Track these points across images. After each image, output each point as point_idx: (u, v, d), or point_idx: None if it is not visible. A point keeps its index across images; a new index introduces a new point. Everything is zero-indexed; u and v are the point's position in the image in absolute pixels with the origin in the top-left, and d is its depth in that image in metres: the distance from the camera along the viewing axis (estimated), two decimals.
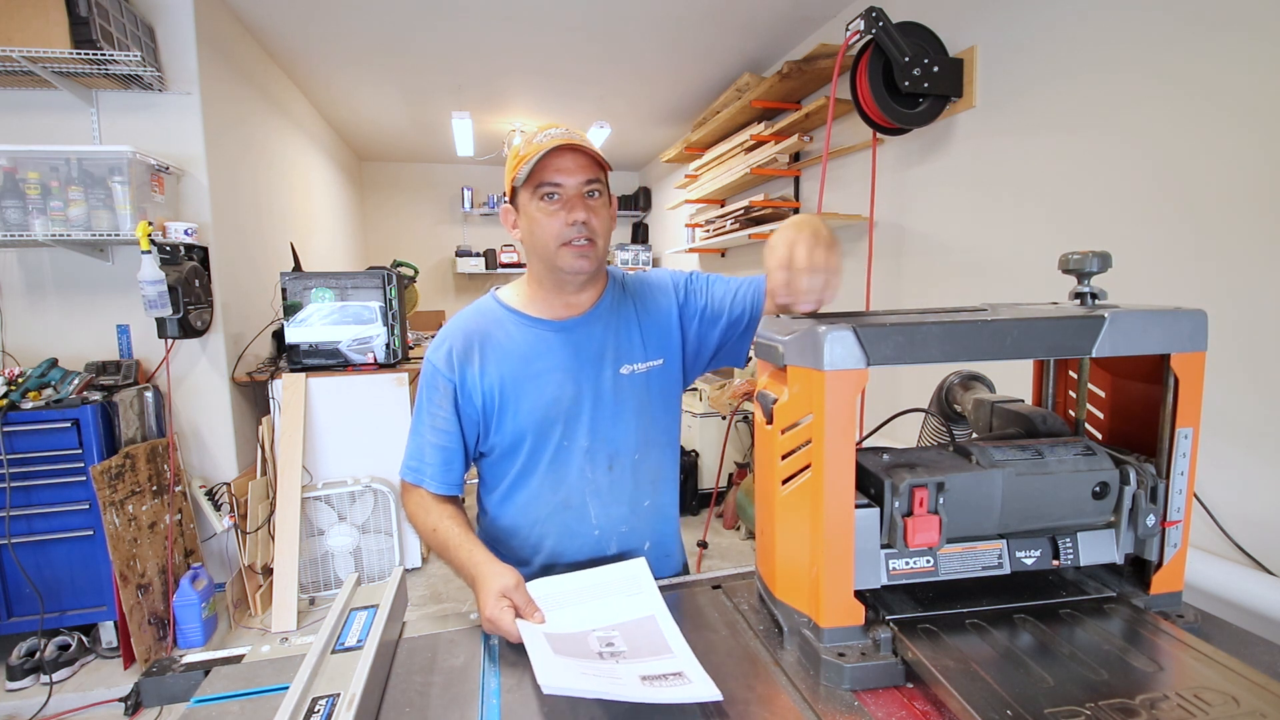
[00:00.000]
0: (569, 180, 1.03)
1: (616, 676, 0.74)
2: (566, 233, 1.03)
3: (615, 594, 0.92)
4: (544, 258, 1.07)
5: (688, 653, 0.77)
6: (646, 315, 1.18)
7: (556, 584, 0.95)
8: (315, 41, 3.45)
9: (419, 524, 1.10)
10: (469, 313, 1.16)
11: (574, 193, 1.04)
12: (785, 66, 3.10)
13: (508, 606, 0.87)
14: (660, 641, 0.81)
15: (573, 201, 1.03)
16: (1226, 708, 0.59)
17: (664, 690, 0.71)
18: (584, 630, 0.85)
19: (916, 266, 2.62)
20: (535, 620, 0.86)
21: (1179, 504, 0.79)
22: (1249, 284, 1.47)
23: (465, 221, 7.01)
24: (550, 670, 0.75)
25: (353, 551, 2.99)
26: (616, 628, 0.85)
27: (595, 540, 1.14)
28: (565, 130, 1.04)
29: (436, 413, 1.11)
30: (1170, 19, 1.62)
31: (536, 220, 1.05)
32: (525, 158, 1.02)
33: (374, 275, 3.02)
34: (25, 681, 2.27)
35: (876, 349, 0.69)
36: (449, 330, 1.14)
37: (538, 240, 1.06)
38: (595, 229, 1.05)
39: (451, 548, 1.03)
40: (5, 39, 2.20)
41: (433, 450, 1.11)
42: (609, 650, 0.80)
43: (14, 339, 2.62)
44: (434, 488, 1.11)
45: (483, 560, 0.97)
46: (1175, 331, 0.75)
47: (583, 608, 0.90)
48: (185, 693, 0.82)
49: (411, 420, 1.14)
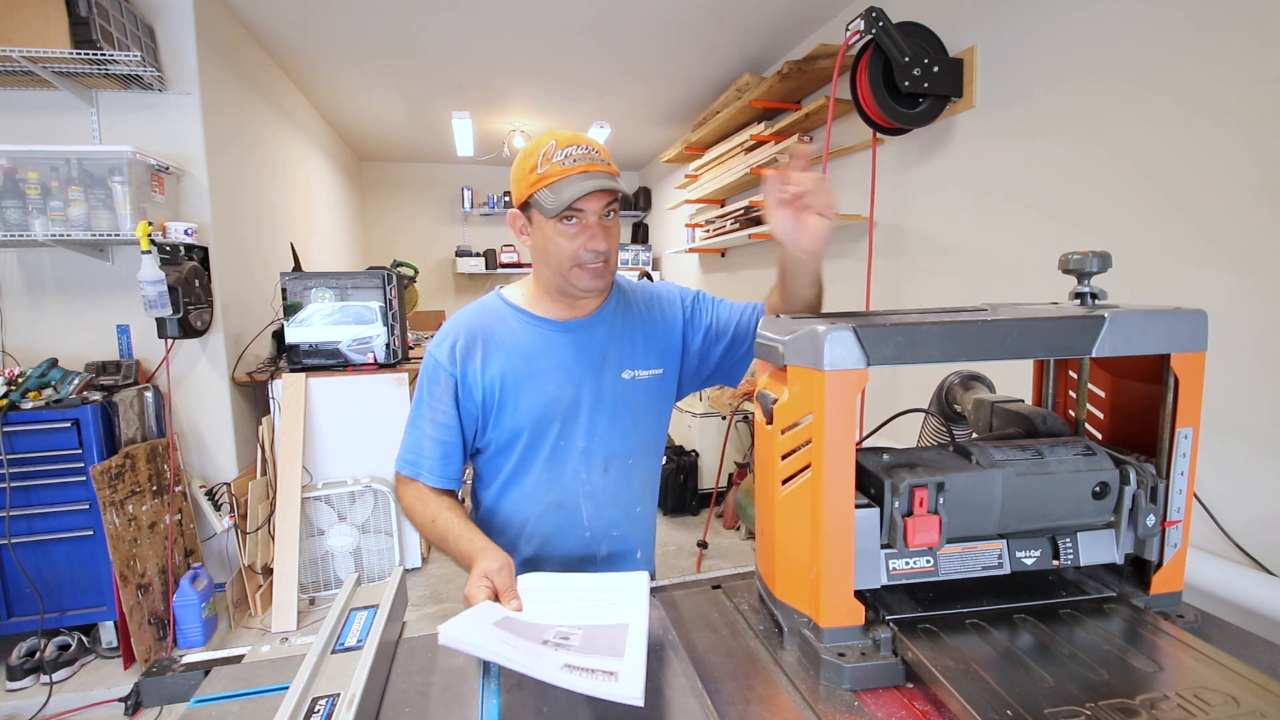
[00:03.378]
0: (591, 206, 1.02)
1: (535, 655, 0.71)
2: (584, 256, 1.04)
3: (602, 599, 0.89)
4: (556, 272, 1.07)
5: (638, 660, 0.71)
6: (651, 324, 1.19)
7: (551, 580, 0.94)
8: (316, 42, 3.45)
9: (416, 516, 1.10)
10: (473, 309, 1.16)
11: (595, 219, 1.03)
12: (785, 66, 3.10)
13: (486, 587, 0.86)
14: (618, 647, 0.75)
15: (593, 229, 1.03)
16: (1226, 708, 0.59)
17: (580, 680, 0.67)
18: (547, 624, 0.81)
19: (916, 266, 2.62)
20: (511, 607, 0.84)
21: (1179, 504, 0.79)
22: (1249, 284, 1.47)
23: (465, 221, 7.00)
24: (462, 628, 0.73)
25: (353, 551, 2.99)
26: (582, 628, 0.80)
27: (585, 541, 1.15)
28: (588, 150, 1.02)
29: (437, 406, 1.10)
30: (1171, 20, 1.62)
31: (553, 239, 1.04)
32: (547, 178, 1.00)
33: (374, 275, 3.02)
34: (25, 681, 2.27)
35: (876, 349, 0.69)
36: (452, 325, 1.13)
37: (551, 256, 1.06)
38: (610, 251, 1.06)
39: (451, 538, 1.03)
40: (5, 39, 2.20)
41: (432, 444, 1.10)
42: (558, 641, 0.77)
43: (14, 339, 2.62)
44: (432, 481, 1.10)
45: (481, 546, 0.97)
46: (1175, 331, 0.75)
47: (562, 605, 0.88)
48: (185, 693, 0.82)
49: (409, 413, 1.14)
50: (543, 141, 1.03)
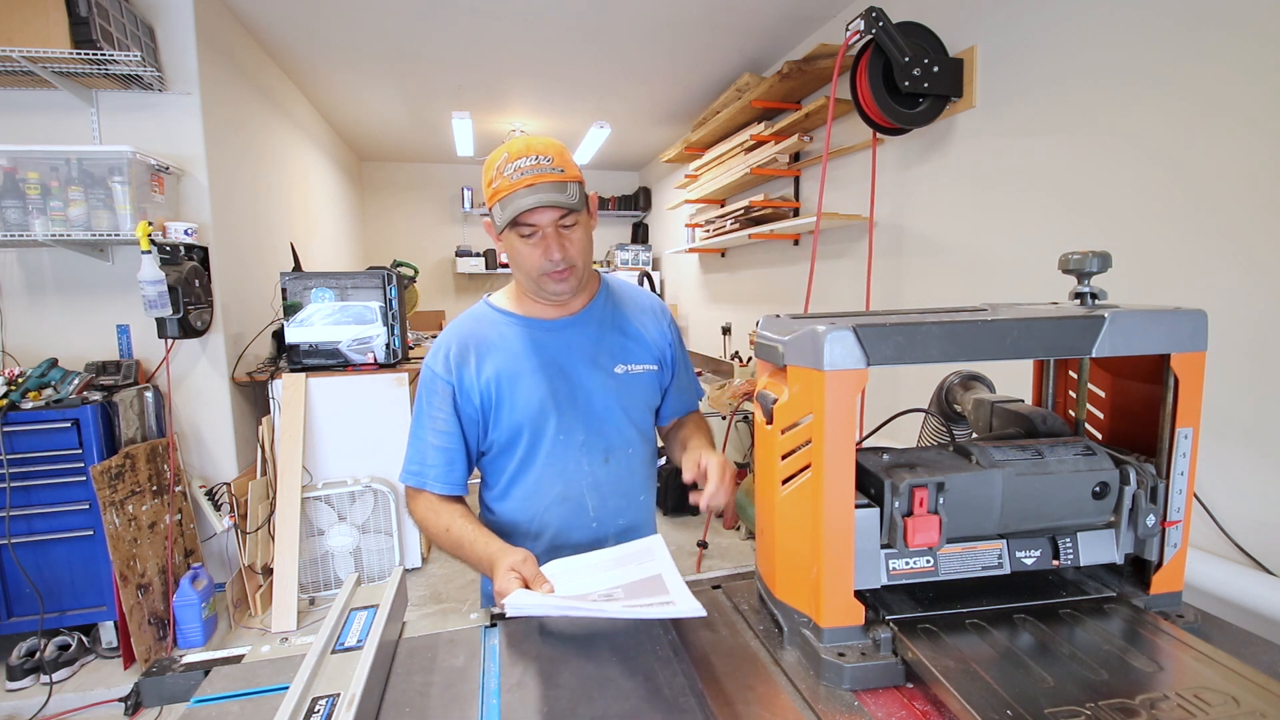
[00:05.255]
0: (541, 219, 1.04)
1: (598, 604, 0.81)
2: (545, 265, 1.06)
3: (626, 565, 0.94)
4: (528, 277, 1.11)
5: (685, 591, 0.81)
6: (643, 325, 1.23)
7: (572, 561, 0.97)
8: (315, 42, 3.45)
9: (430, 527, 1.12)
10: (463, 319, 1.19)
11: (549, 229, 1.05)
12: (785, 66, 3.10)
13: (515, 578, 0.89)
14: (660, 589, 0.83)
15: (549, 238, 1.05)
16: (1226, 708, 0.59)
17: (644, 610, 0.76)
18: (589, 591, 0.87)
19: (916, 266, 2.62)
20: (544, 590, 0.88)
21: (1179, 504, 0.79)
22: (1248, 285, 1.47)
23: (465, 221, 7.00)
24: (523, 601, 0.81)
25: (353, 551, 2.99)
26: (621, 586, 0.87)
27: (593, 532, 1.17)
28: (536, 160, 1.02)
29: (436, 415, 1.13)
30: (1170, 20, 1.62)
31: (516, 249, 1.08)
32: (498, 194, 1.03)
33: (374, 275, 3.02)
34: (25, 681, 2.27)
35: (876, 349, 0.69)
36: (444, 337, 1.17)
37: (519, 266, 1.11)
38: (574, 256, 1.08)
39: (466, 544, 1.05)
40: (5, 39, 2.20)
41: (435, 452, 1.13)
42: (605, 597, 0.84)
43: (14, 339, 2.62)
44: (438, 489, 1.13)
45: (498, 548, 1.00)
46: (1175, 332, 0.75)
47: (593, 576, 0.92)
48: (185, 693, 0.82)
49: (410, 428, 1.16)
50: (498, 154, 1.06)
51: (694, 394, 1.32)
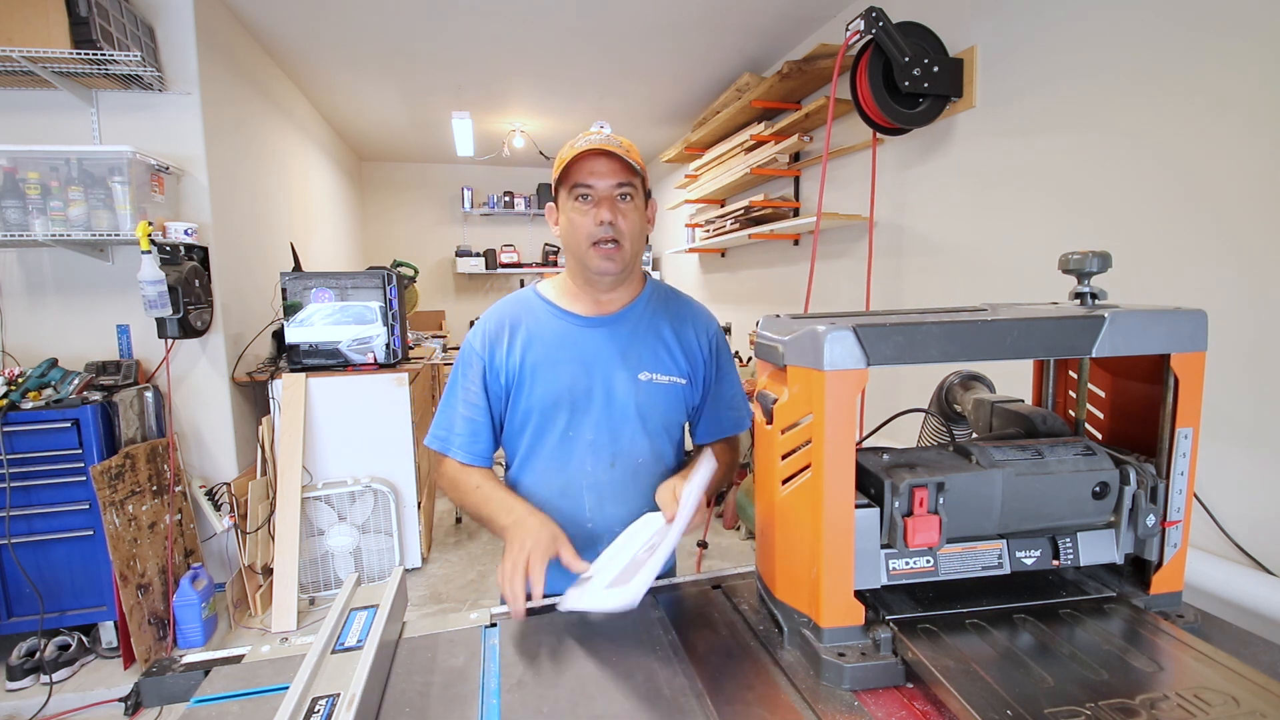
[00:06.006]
0: (600, 182, 1.08)
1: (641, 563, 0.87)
2: (595, 232, 1.08)
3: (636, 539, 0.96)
4: (576, 255, 1.13)
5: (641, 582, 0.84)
6: (682, 335, 1.21)
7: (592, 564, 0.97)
8: (315, 42, 3.45)
9: (461, 482, 1.16)
10: (508, 300, 1.23)
11: (605, 194, 1.09)
12: (785, 66, 3.10)
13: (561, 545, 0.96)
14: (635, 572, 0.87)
15: (603, 204, 1.08)
16: (1226, 708, 0.59)
17: None
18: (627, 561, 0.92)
19: (916, 266, 2.62)
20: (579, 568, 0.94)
21: (1179, 504, 0.79)
22: (1249, 284, 1.47)
23: (465, 221, 7.00)
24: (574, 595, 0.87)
25: (353, 551, 2.99)
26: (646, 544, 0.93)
27: (588, 532, 1.17)
28: (604, 135, 1.09)
29: (469, 387, 1.17)
30: (1170, 19, 1.62)
31: (571, 219, 1.11)
32: (564, 159, 1.09)
33: (374, 275, 3.02)
34: (25, 681, 2.27)
35: (876, 349, 0.69)
36: (487, 314, 1.21)
37: (571, 238, 1.13)
38: (623, 230, 1.09)
39: (495, 500, 1.11)
40: (5, 39, 2.20)
41: (462, 421, 1.17)
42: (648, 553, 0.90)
43: (14, 339, 2.62)
44: (461, 456, 1.17)
45: (524, 511, 1.05)
46: (1175, 332, 0.75)
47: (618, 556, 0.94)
48: (185, 693, 0.82)
49: (442, 396, 1.21)
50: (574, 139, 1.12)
51: (738, 414, 1.25)
